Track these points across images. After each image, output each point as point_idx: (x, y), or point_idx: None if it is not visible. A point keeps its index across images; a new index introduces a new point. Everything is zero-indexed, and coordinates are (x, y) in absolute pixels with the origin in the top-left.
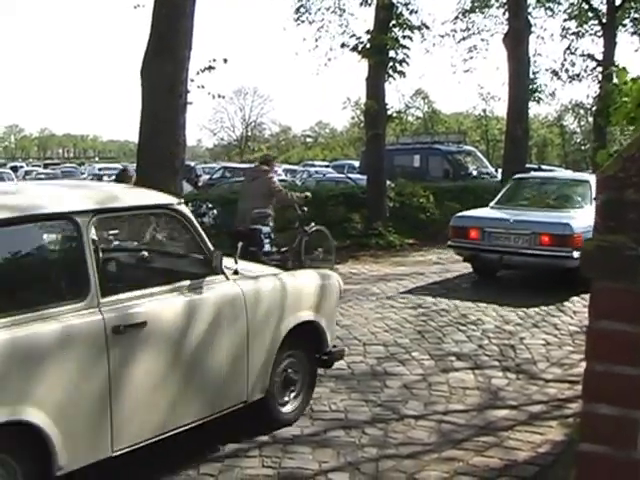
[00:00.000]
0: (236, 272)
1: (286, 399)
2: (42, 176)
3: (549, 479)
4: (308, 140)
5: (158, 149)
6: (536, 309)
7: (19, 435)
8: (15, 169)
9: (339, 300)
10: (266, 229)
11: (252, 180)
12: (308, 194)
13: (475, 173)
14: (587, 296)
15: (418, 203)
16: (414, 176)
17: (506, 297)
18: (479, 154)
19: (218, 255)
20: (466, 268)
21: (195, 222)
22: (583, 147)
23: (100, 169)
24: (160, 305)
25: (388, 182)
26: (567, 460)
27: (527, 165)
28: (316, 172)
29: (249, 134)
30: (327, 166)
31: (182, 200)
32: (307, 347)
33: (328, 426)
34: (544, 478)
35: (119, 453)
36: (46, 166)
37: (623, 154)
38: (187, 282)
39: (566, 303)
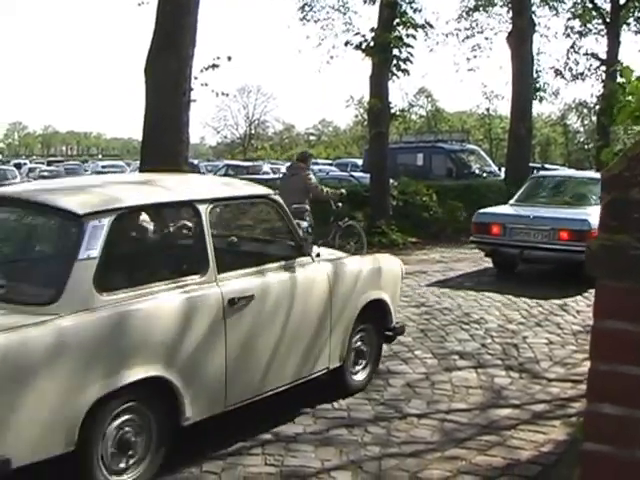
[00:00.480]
0: (318, 255)
1: (357, 368)
2: (45, 173)
3: (552, 478)
4: (311, 138)
5: (162, 147)
6: (539, 308)
7: (155, 389)
8: (19, 166)
9: (401, 282)
10: (304, 223)
11: (291, 176)
12: (343, 191)
13: (478, 172)
14: (590, 295)
15: (421, 202)
16: (417, 175)
17: (514, 294)
18: (482, 153)
19: (307, 240)
20: (469, 267)
21: (287, 210)
22: (586, 146)
23: (103, 166)
24: (263, 281)
25: (391, 180)
26: (570, 459)
27: (530, 164)
28: (319, 170)
29: (252, 132)
30: (330, 164)
31: (277, 192)
32: (376, 322)
33: (331, 424)
34: (547, 477)
35: (231, 408)
36: (49, 163)
37: (628, 153)
38: (282, 262)
39: (569, 302)
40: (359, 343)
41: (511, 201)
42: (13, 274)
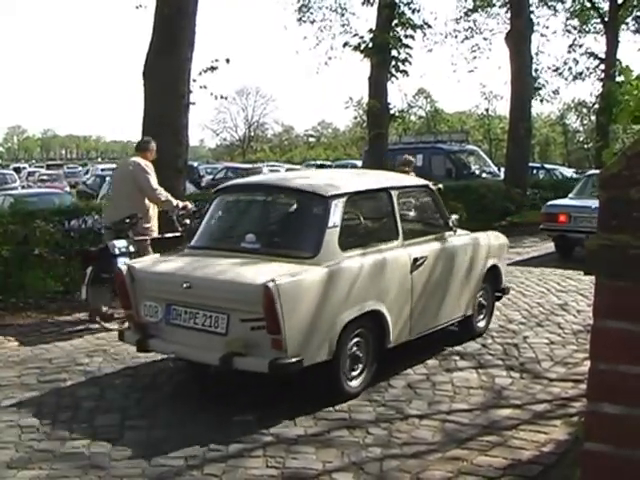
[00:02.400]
0: (455, 230)
1: (480, 317)
2: (45, 177)
3: (553, 478)
4: (311, 140)
5: (161, 149)
6: (540, 308)
7: (373, 320)
8: (18, 170)
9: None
10: None
11: None
12: (440, 186)
13: (478, 172)
14: (591, 295)
15: None
16: (417, 175)
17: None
18: (482, 153)
19: (454, 219)
20: None
21: (439, 196)
22: (586, 146)
23: (103, 169)
24: (431, 247)
25: None
26: (572, 459)
27: (530, 164)
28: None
29: (252, 134)
30: (330, 166)
31: (434, 182)
32: (491, 283)
33: (332, 426)
34: (548, 477)
35: (414, 338)
36: (49, 167)
37: (627, 152)
38: (439, 234)
39: (570, 302)
40: (481, 298)
41: (570, 195)
42: (285, 240)
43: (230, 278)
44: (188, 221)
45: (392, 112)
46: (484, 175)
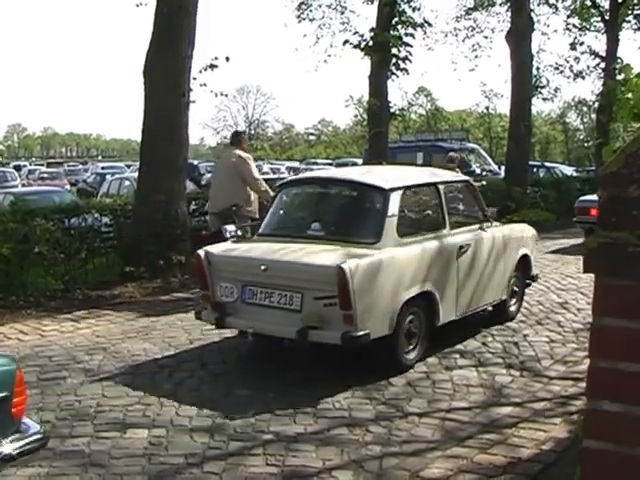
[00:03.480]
0: (492, 222)
1: (512, 302)
2: (45, 175)
3: (553, 476)
4: (311, 138)
5: (161, 148)
6: (540, 306)
7: (426, 299)
8: (18, 168)
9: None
10: None
11: None
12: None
13: (478, 170)
14: (591, 293)
15: None
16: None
17: None
18: (482, 151)
19: (493, 211)
20: None
21: (478, 191)
22: (586, 144)
23: (103, 167)
24: (472, 236)
25: None
26: (572, 457)
27: (530, 162)
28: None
29: (252, 132)
30: (330, 164)
31: (472, 178)
32: (522, 271)
33: (332, 424)
34: (548, 475)
35: (458, 318)
36: (49, 165)
37: (626, 150)
38: (478, 225)
39: (570, 300)
40: (514, 285)
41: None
42: (349, 228)
43: (306, 261)
44: None
45: (392, 110)
46: (484, 173)
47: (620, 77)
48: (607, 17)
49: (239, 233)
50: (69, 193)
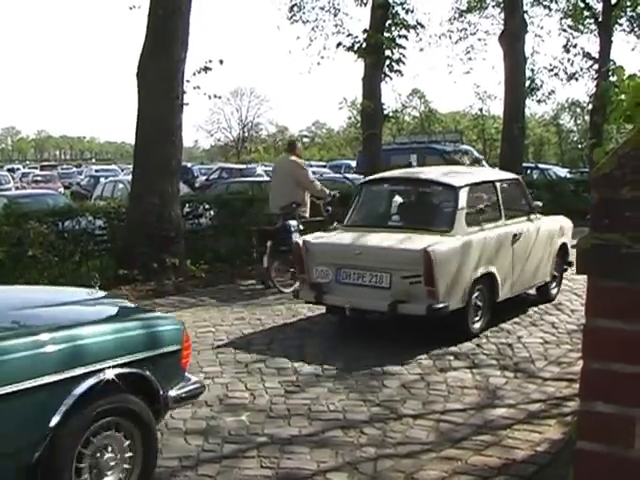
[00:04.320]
0: (537, 214)
1: (553, 285)
2: (39, 178)
3: (548, 478)
4: (305, 140)
5: (155, 150)
6: (534, 307)
7: (488, 279)
8: (12, 171)
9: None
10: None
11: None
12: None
13: None
14: (584, 294)
15: None
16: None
17: None
18: (476, 153)
19: (537, 204)
20: None
21: (525, 186)
22: (580, 145)
23: (97, 170)
24: (524, 226)
25: None
26: (566, 458)
27: (524, 164)
28: (313, 172)
29: (246, 135)
30: (324, 166)
31: (520, 176)
32: (561, 257)
33: (326, 426)
34: (543, 477)
35: (512, 296)
36: (43, 168)
37: (618, 152)
38: (527, 217)
39: (564, 301)
40: (555, 270)
41: None
42: (425, 219)
43: (395, 246)
44: (330, 208)
45: (386, 112)
46: None
47: (613, 79)
48: (600, 19)
49: (300, 228)
50: (63, 196)
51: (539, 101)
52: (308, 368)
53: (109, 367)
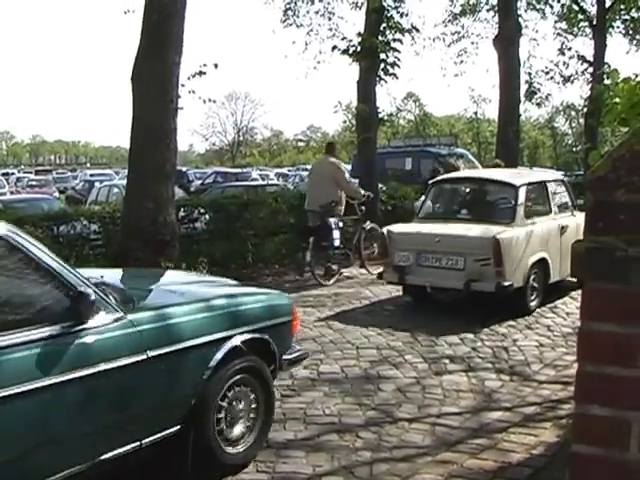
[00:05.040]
0: (577, 209)
1: None
2: (34, 183)
3: None
4: (300, 144)
5: (150, 154)
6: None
7: (542, 264)
8: (7, 176)
9: None
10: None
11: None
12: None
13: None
14: (579, 297)
15: (410, 206)
16: (406, 179)
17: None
18: (471, 156)
19: (578, 202)
20: None
21: (569, 185)
22: (575, 149)
23: (92, 175)
24: (569, 220)
25: (380, 185)
26: (561, 461)
27: (519, 167)
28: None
29: (241, 139)
30: None
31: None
32: None
33: (322, 430)
34: None
35: (559, 280)
36: (37, 172)
37: (613, 155)
38: (569, 212)
39: (559, 304)
40: None
41: None
42: (490, 212)
43: (469, 234)
44: (364, 207)
45: (381, 116)
46: None
47: (608, 82)
48: (594, 22)
49: (340, 225)
50: (57, 201)
51: (538, 104)
52: (303, 372)
53: (242, 332)
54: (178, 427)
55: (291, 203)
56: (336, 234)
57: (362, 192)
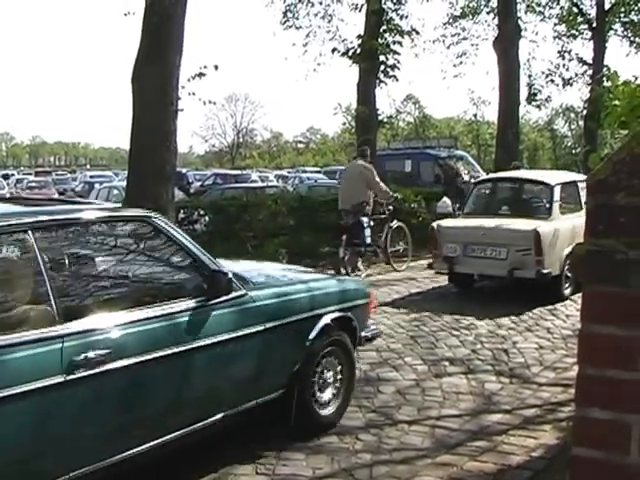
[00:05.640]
0: None
1: None
2: (33, 184)
3: None
4: (300, 146)
5: (149, 156)
6: (529, 313)
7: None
8: (6, 177)
9: None
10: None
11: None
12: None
13: (467, 178)
14: (579, 299)
15: (409, 208)
16: (405, 181)
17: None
18: (470, 159)
19: None
20: None
21: None
22: (574, 151)
23: (91, 176)
24: None
25: None
26: (561, 464)
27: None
28: (308, 178)
29: (241, 140)
30: (319, 172)
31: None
32: None
33: (322, 432)
34: None
35: None
36: (37, 174)
37: (613, 158)
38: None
39: (558, 307)
40: None
41: None
42: (529, 208)
43: (512, 227)
44: (391, 207)
45: (381, 118)
46: (472, 180)
47: (607, 84)
48: (594, 25)
49: (371, 224)
50: None
51: (538, 106)
52: None
53: (333, 311)
54: (285, 389)
55: (290, 205)
56: (367, 232)
57: (390, 193)
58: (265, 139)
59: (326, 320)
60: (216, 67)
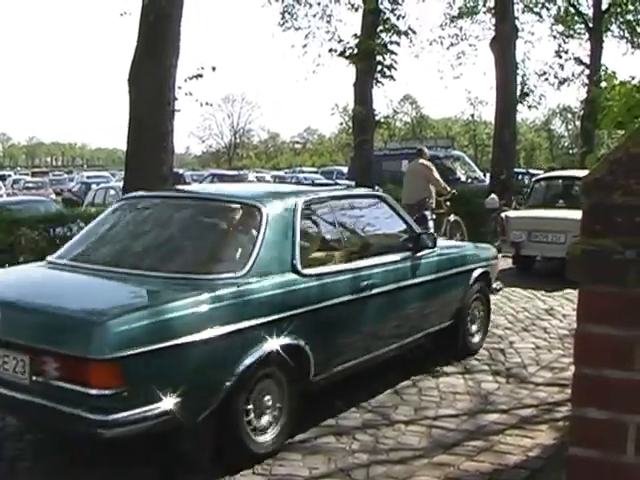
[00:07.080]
0: None
1: None
2: (30, 185)
3: None
4: (297, 146)
5: (146, 156)
6: (526, 313)
7: None
8: (3, 178)
9: None
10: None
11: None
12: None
13: (463, 178)
14: (576, 299)
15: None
16: (403, 181)
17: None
18: (467, 159)
19: None
20: None
21: None
22: (571, 151)
23: (88, 177)
24: None
25: (377, 187)
26: (558, 464)
27: (515, 169)
28: (305, 178)
29: (237, 141)
30: (316, 172)
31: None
32: None
33: (319, 432)
34: None
35: None
36: (34, 174)
37: (610, 157)
38: None
39: (555, 306)
40: None
41: None
42: (576, 200)
43: (569, 217)
44: (449, 202)
45: (378, 118)
46: (470, 181)
47: (604, 84)
48: (591, 25)
49: (433, 217)
50: (54, 202)
51: (530, 107)
52: None
53: (479, 267)
54: (452, 321)
55: None
56: (431, 224)
57: (449, 189)
58: (262, 139)
59: (477, 272)
60: (214, 68)
